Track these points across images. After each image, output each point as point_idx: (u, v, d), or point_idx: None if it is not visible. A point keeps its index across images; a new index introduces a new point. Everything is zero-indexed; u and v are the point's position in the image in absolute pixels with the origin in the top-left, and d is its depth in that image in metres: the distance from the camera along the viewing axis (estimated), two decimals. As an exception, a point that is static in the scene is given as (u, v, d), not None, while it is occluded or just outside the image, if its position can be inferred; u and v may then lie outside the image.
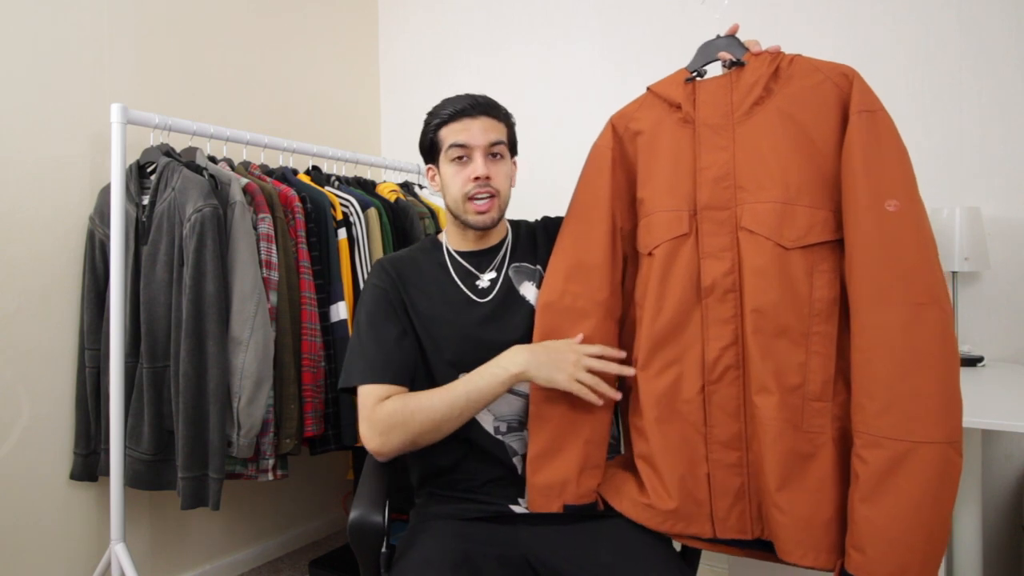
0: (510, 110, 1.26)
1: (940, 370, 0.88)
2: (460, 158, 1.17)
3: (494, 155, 1.18)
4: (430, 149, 1.22)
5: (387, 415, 1.08)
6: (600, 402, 1.07)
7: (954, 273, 1.78)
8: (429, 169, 1.25)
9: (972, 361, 1.68)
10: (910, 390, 0.88)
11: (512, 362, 1.08)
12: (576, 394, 1.06)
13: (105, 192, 1.80)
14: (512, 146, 1.24)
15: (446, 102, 1.20)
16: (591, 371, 1.06)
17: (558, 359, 1.07)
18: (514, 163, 1.26)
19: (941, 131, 1.85)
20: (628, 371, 1.09)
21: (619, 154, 1.16)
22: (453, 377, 1.13)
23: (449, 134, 1.17)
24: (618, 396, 1.09)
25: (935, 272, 0.91)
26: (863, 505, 0.89)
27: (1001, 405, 1.29)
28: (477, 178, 1.15)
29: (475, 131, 1.16)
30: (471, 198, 1.16)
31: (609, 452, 1.17)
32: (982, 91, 1.81)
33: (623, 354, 1.10)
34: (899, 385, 0.88)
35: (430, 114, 1.22)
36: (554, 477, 1.09)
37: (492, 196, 1.17)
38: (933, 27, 1.86)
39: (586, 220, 1.16)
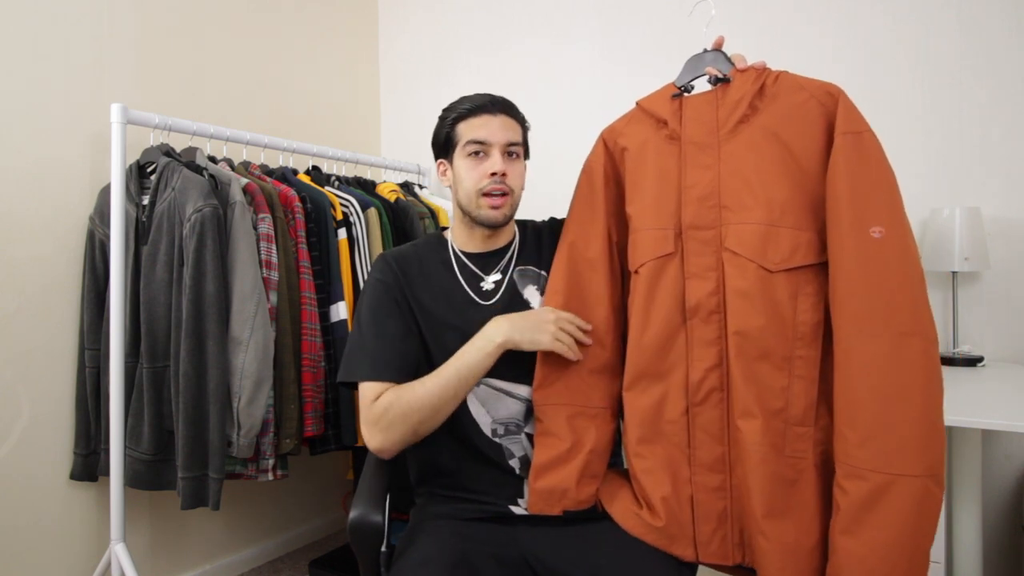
0: None
1: (922, 402, 0.87)
2: (477, 153, 1.17)
3: (511, 154, 1.19)
4: (445, 144, 1.21)
5: (383, 411, 1.08)
6: (578, 357, 1.09)
7: (954, 273, 1.78)
8: (440, 164, 1.24)
9: (972, 361, 1.68)
10: (892, 421, 0.87)
11: (496, 332, 1.10)
12: (558, 352, 1.08)
13: (105, 192, 1.80)
14: (526, 148, 1.25)
15: (464, 98, 1.20)
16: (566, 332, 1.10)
17: (538, 322, 1.10)
18: (525, 165, 1.26)
19: (941, 131, 1.85)
20: (586, 340, 1.12)
21: (610, 169, 1.16)
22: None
23: (468, 129, 1.17)
24: (580, 356, 1.11)
25: (920, 301, 0.89)
26: (843, 536, 0.88)
27: (1001, 405, 1.29)
28: (494, 174, 1.15)
29: (495, 128, 1.16)
30: (485, 194, 1.16)
31: (613, 457, 1.18)
32: (982, 91, 1.81)
33: (589, 326, 1.12)
34: (881, 416, 0.87)
35: (447, 109, 1.21)
36: (555, 484, 1.09)
37: (505, 194, 1.17)
38: (933, 27, 1.86)
39: (582, 236, 1.15)
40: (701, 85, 1.11)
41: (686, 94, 1.10)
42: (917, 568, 0.87)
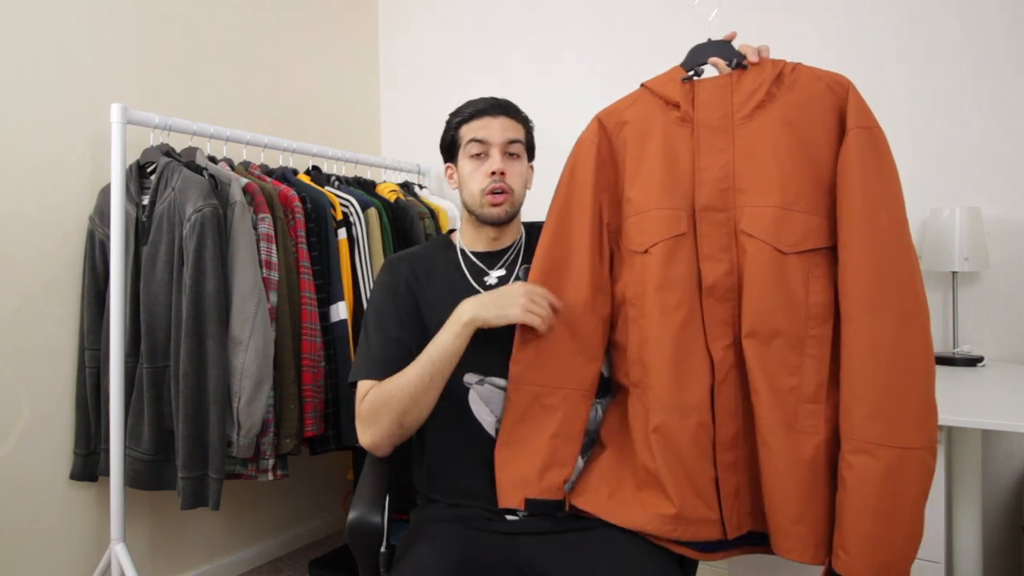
0: None
1: (923, 379, 0.93)
2: (478, 155, 1.19)
3: (511, 154, 1.20)
4: (450, 147, 1.25)
5: (368, 405, 1.11)
6: (543, 328, 1.09)
7: (954, 273, 1.78)
8: (448, 167, 1.27)
9: (972, 361, 1.68)
10: (896, 397, 0.92)
11: (461, 312, 1.10)
12: (529, 324, 1.08)
13: (105, 192, 1.80)
14: (530, 149, 1.26)
15: (468, 103, 1.23)
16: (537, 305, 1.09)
17: (504, 297, 1.10)
18: (531, 167, 1.27)
19: (941, 131, 1.85)
20: (557, 302, 1.11)
21: (605, 148, 1.15)
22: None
23: (468, 131, 1.21)
24: (544, 328, 1.09)
25: (920, 286, 0.96)
26: (848, 508, 0.93)
27: (1001, 405, 1.29)
28: (494, 172, 1.17)
29: (494, 129, 1.19)
30: (488, 192, 1.18)
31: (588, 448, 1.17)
32: (982, 91, 1.81)
33: (560, 304, 1.12)
34: (886, 392, 0.92)
35: (452, 114, 1.25)
36: (516, 473, 1.09)
37: (506, 192, 1.19)
38: (933, 27, 1.86)
39: (568, 215, 1.15)
40: (709, 70, 1.11)
41: (696, 78, 1.10)
42: (915, 535, 0.93)
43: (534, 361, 1.12)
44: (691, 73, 1.11)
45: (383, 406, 1.09)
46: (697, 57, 1.13)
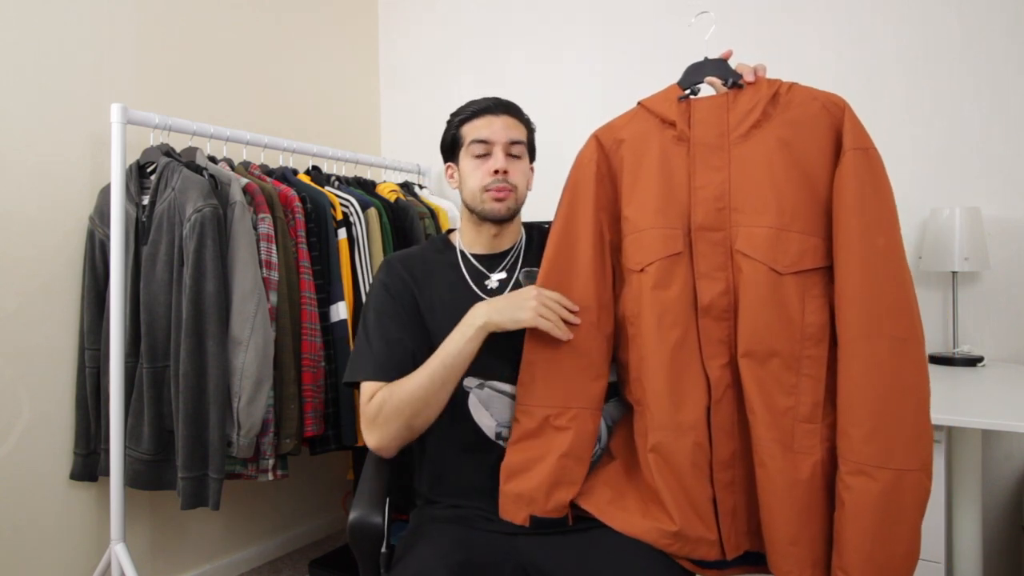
0: None
1: (918, 402, 0.94)
2: (482, 154, 1.19)
3: (513, 155, 1.20)
4: (451, 146, 1.24)
5: (377, 407, 1.10)
6: (566, 336, 1.07)
7: (954, 273, 1.78)
8: (448, 167, 1.27)
9: (972, 361, 1.68)
10: (892, 420, 0.93)
11: (475, 316, 1.10)
12: (543, 329, 1.06)
13: (105, 192, 1.80)
14: (531, 151, 1.26)
15: (471, 102, 1.23)
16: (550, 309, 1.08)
17: (517, 301, 1.09)
18: (532, 168, 1.27)
19: (941, 131, 1.85)
20: (574, 320, 1.09)
21: (604, 166, 1.15)
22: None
23: (471, 130, 1.20)
24: (569, 336, 1.08)
25: (915, 308, 0.96)
26: (847, 529, 0.93)
27: (1001, 405, 1.29)
28: (496, 172, 1.17)
29: (496, 128, 1.19)
30: (488, 189, 1.18)
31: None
32: (982, 91, 1.81)
33: (575, 306, 1.10)
34: (882, 415, 0.93)
35: (454, 113, 1.24)
36: (523, 490, 1.08)
37: (509, 189, 1.19)
38: (933, 27, 1.86)
39: (570, 234, 1.14)
40: (706, 88, 1.11)
41: (692, 96, 1.10)
42: (913, 553, 0.93)
43: (540, 382, 1.10)
44: (687, 92, 1.11)
45: (393, 410, 1.08)
46: (693, 76, 1.12)
